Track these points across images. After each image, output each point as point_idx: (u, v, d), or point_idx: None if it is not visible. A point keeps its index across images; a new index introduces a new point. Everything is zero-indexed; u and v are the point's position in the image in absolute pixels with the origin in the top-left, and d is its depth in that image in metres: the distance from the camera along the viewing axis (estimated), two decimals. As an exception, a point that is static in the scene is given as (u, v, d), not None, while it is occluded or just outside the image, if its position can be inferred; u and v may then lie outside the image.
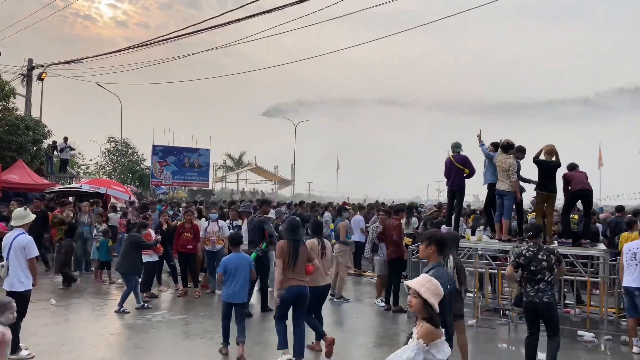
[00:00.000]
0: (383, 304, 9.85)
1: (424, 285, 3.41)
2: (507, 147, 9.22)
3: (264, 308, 9.30)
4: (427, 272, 3.95)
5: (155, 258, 10.41)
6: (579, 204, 9.94)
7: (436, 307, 3.36)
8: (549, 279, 5.96)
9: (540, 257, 5.99)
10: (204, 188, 46.44)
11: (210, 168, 49.71)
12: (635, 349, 7.25)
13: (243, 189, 52.26)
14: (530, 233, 6.39)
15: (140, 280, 9.66)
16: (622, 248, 7.78)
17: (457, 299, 6.12)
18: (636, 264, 7.24)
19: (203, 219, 11.72)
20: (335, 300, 10.26)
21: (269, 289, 9.27)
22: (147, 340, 7.38)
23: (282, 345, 6.35)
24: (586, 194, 9.05)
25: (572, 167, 9.33)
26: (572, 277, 9.06)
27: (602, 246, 9.51)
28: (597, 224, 12.48)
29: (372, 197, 47.73)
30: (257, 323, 8.59)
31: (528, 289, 6.02)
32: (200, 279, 11.28)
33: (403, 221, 13.57)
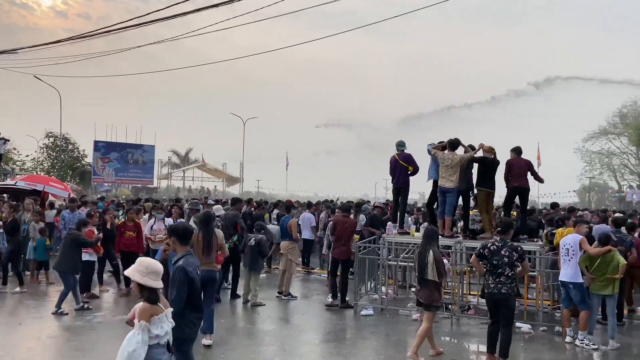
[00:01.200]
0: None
1: (135, 269, 3.71)
2: (453, 144, 9.47)
3: (233, 295, 10.07)
4: (176, 261, 4.29)
5: (95, 258, 10.05)
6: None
7: (153, 284, 3.66)
8: (510, 274, 6.32)
9: (503, 252, 6.35)
10: (148, 185, 45.30)
11: (155, 165, 48.55)
12: (568, 339, 7.63)
13: (190, 186, 51.23)
14: (500, 229, 6.73)
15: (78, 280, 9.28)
16: (559, 243, 8.16)
17: (433, 290, 6.57)
18: (569, 259, 7.61)
19: (146, 216, 11.46)
20: (282, 297, 10.23)
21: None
22: (86, 342, 7.12)
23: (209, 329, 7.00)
24: (522, 192, 9.43)
25: (517, 151, 9.45)
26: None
27: (539, 242, 9.96)
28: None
29: (322, 195, 48.05)
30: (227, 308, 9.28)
31: (489, 281, 6.40)
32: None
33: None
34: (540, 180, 10.19)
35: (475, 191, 9.72)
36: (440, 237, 9.54)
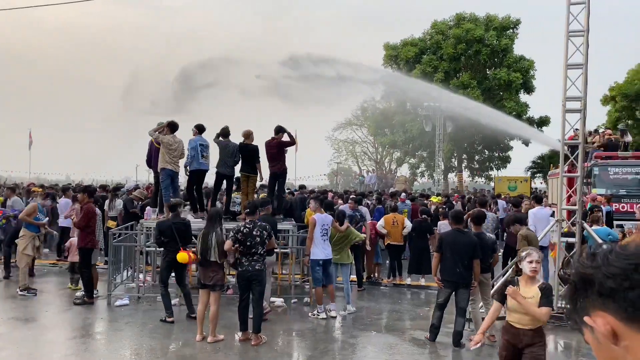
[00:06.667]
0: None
1: None
2: (174, 126, 9.45)
3: None
4: None
5: None
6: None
7: None
8: (262, 252, 6.77)
9: (254, 233, 6.71)
10: None
11: None
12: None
13: None
14: (248, 210, 7.05)
15: None
16: (309, 222, 8.82)
17: (217, 271, 6.74)
18: (324, 239, 8.28)
19: None
20: (19, 293, 8.91)
21: None
22: None
23: None
24: (276, 175, 10.01)
25: (277, 130, 9.78)
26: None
27: (293, 221, 10.73)
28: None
29: (75, 178, 43.42)
30: None
31: (243, 261, 6.70)
32: None
33: (107, 203, 12.83)
34: (292, 140, 10.25)
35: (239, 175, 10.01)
36: (201, 220, 9.59)
